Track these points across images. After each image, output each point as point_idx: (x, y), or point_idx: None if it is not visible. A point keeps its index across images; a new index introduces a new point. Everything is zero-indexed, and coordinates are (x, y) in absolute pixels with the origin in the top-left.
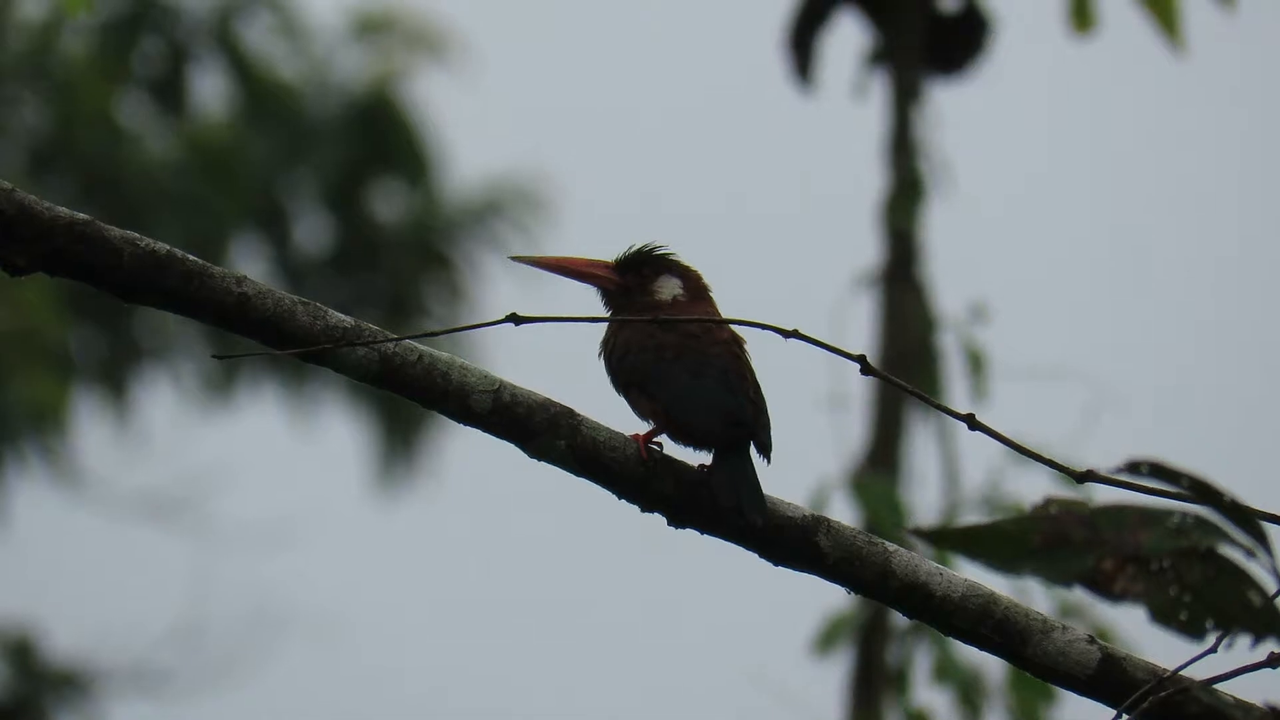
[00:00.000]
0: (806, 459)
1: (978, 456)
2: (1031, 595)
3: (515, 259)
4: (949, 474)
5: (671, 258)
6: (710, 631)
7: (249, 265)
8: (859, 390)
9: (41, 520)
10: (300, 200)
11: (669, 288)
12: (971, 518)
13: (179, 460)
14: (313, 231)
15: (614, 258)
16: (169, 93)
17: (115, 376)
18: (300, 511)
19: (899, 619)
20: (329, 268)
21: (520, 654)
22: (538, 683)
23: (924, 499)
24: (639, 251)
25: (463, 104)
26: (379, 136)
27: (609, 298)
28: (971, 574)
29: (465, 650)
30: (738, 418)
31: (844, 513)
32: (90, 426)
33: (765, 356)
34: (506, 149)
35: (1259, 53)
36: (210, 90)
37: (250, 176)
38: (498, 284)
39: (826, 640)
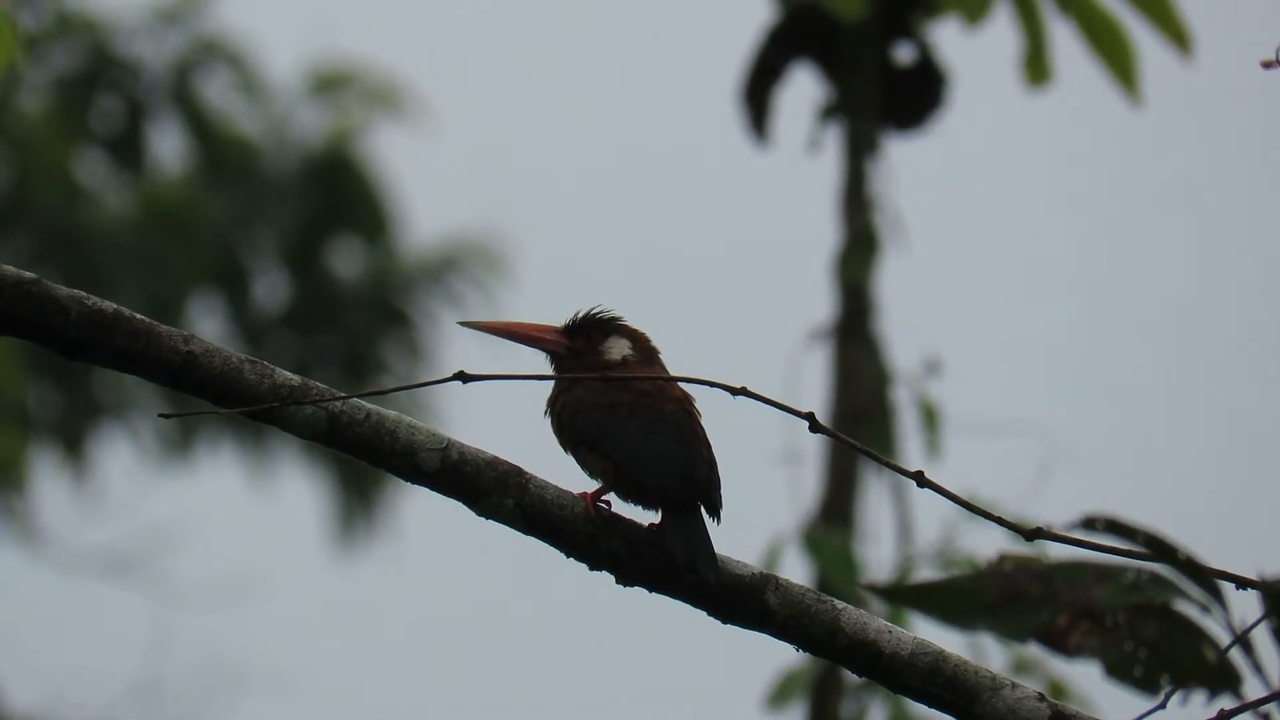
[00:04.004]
0: (760, 515)
1: (932, 512)
2: (986, 651)
3: (464, 324)
4: (903, 530)
5: (618, 321)
6: (664, 688)
7: (207, 323)
8: (812, 446)
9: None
10: (259, 258)
11: (619, 348)
12: (926, 574)
13: (137, 517)
14: (271, 289)
15: (562, 323)
16: (127, 150)
17: (73, 434)
18: (258, 568)
19: (852, 675)
20: (287, 325)
21: (476, 711)
22: None
23: (878, 555)
24: (585, 315)
25: (420, 161)
26: (337, 193)
27: (559, 361)
28: (926, 631)
29: (421, 706)
30: (694, 475)
31: (798, 569)
32: (49, 483)
33: (718, 413)
34: (464, 205)
35: (1218, 101)
36: (168, 147)
37: (209, 234)
38: (456, 341)
39: (780, 696)
